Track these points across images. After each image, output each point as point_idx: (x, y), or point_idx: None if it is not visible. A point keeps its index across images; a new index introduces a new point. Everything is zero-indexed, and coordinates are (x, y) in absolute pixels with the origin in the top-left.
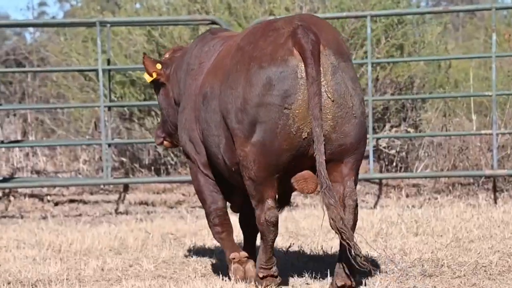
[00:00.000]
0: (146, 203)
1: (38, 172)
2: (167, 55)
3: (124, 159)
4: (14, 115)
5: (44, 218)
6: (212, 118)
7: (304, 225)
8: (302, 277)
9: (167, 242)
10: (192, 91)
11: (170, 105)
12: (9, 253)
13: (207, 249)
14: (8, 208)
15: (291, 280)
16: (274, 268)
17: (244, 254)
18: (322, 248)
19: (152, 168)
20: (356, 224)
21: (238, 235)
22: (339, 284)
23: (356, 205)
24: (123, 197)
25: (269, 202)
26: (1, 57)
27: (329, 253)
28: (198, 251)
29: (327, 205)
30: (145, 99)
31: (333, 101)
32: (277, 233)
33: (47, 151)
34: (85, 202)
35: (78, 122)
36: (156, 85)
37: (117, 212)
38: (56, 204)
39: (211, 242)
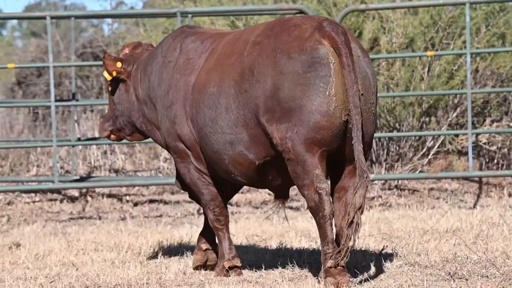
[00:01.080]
0: (230, 203)
1: (116, 171)
2: (126, 51)
3: None
4: (92, 111)
5: (123, 219)
6: (222, 117)
7: (398, 226)
8: (396, 281)
9: (252, 244)
10: (182, 87)
11: (130, 101)
12: (87, 256)
13: (294, 251)
14: (85, 208)
15: (384, 285)
16: (342, 260)
17: (237, 261)
18: (417, 251)
19: None
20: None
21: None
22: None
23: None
24: None
25: (317, 172)
26: (77, 50)
27: (425, 256)
28: (285, 254)
29: (363, 195)
30: None
31: (362, 94)
32: (333, 210)
33: (126, 149)
34: (165, 202)
35: None
36: (113, 81)
37: (199, 212)
38: (136, 204)
39: (298, 244)
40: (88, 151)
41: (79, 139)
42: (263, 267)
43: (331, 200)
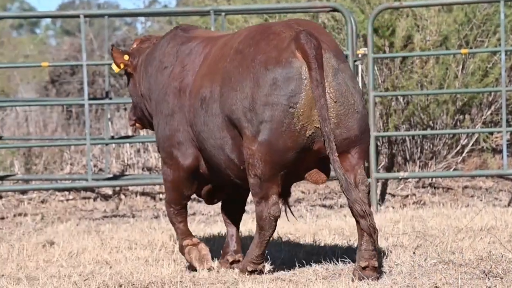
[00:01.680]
0: None
1: (149, 169)
2: (134, 45)
3: None
4: (125, 109)
5: (156, 217)
6: (213, 121)
7: (432, 224)
8: (430, 280)
9: (286, 243)
10: (177, 91)
11: (137, 94)
12: (120, 254)
13: (328, 249)
14: (119, 207)
15: (419, 283)
16: (262, 264)
17: (196, 239)
18: (451, 249)
19: None
20: (370, 207)
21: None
22: (362, 265)
23: (369, 190)
24: None
25: (274, 198)
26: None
27: (459, 254)
28: (319, 252)
29: (352, 201)
30: None
31: (335, 101)
32: (275, 230)
33: None
34: (199, 201)
35: None
36: (126, 74)
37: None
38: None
39: (332, 242)
40: (121, 149)
41: (112, 137)
42: (297, 265)
43: (275, 226)
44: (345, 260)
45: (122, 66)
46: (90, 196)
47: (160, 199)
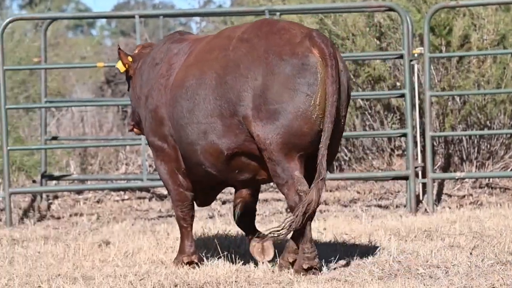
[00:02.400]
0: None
1: None
2: (136, 51)
3: None
4: None
5: (211, 217)
6: (198, 107)
7: (489, 225)
8: (488, 281)
9: (341, 243)
10: (163, 88)
11: (135, 98)
12: (176, 254)
13: (383, 250)
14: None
15: (475, 284)
16: (317, 259)
17: (194, 256)
18: (509, 250)
19: None
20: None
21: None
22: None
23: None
24: None
25: (297, 174)
26: None
27: None
28: (374, 253)
29: (318, 192)
30: None
31: (341, 104)
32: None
33: None
34: None
35: None
36: (127, 77)
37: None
38: (224, 202)
39: (387, 243)
40: None
41: None
42: (352, 265)
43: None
44: (400, 260)
45: (126, 66)
46: (146, 196)
47: (215, 200)
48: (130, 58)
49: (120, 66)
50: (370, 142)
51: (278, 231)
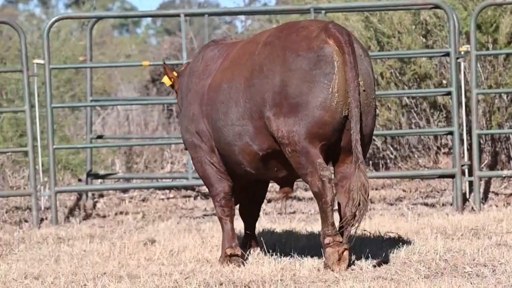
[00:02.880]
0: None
1: None
2: (183, 67)
3: None
4: None
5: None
6: (231, 110)
7: None
8: None
9: (386, 241)
10: (199, 89)
11: (178, 111)
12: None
13: (430, 248)
14: None
15: None
16: (338, 236)
17: (238, 250)
18: None
19: (370, 162)
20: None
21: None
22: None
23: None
24: None
25: (320, 161)
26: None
27: None
28: (420, 251)
29: (360, 178)
30: None
31: (364, 90)
32: (334, 196)
33: None
34: (299, 199)
35: None
36: (175, 91)
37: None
38: (269, 201)
39: (434, 241)
40: None
41: None
42: (398, 264)
43: (333, 187)
44: (447, 259)
45: (172, 80)
46: (191, 194)
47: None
48: (175, 73)
49: (166, 80)
50: (416, 140)
51: (353, 224)
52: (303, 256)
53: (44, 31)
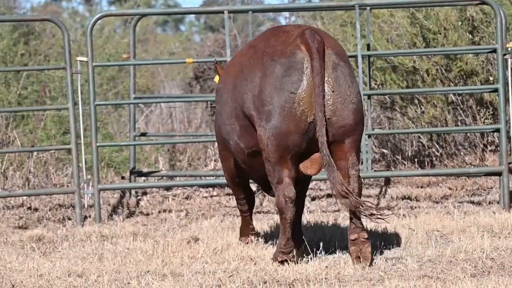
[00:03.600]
0: (409, 198)
1: None
2: None
3: (385, 150)
4: None
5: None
6: (224, 109)
7: None
8: None
9: (432, 240)
10: (223, 94)
11: None
12: (265, 250)
13: (476, 246)
14: (262, 203)
15: None
16: (292, 254)
17: (252, 237)
18: None
19: (416, 160)
20: (361, 191)
21: None
22: (352, 238)
23: (359, 175)
24: (385, 191)
25: (287, 180)
26: None
27: None
28: (467, 250)
29: (332, 179)
30: (407, 86)
31: (333, 91)
32: (295, 212)
33: None
34: None
35: None
36: None
37: (378, 207)
38: (313, 199)
39: (480, 240)
40: None
41: None
42: (444, 262)
43: (294, 207)
44: (494, 258)
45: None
46: None
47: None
48: (222, 71)
49: (217, 79)
50: (462, 138)
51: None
52: (348, 254)
53: (87, 28)
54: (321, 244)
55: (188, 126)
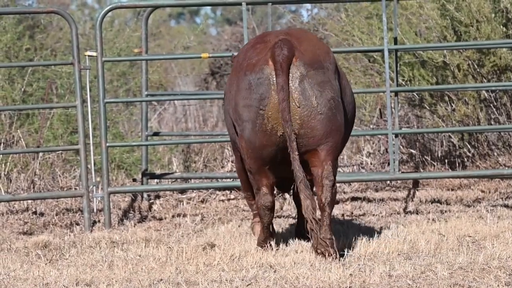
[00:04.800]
0: (439, 201)
1: None
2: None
3: (413, 151)
4: None
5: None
6: (226, 118)
7: None
8: None
9: (464, 246)
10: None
11: None
12: (285, 257)
13: (511, 253)
14: (283, 207)
15: None
16: (265, 247)
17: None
18: None
19: (446, 161)
20: (334, 200)
21: None
22: (319, 250)
23: (333, 184)
24: (413, 194)
25: (264, 190)
26: None
27: None
28: (500, 256)
29: (304, 196)
30: (437, 83)
31: (299, 106)
32: (273, 217)
33: None
34: (369, 200)
35: (361, 109)
36: None
37: (405, 211)
38: (337, 202)
39: None
40: None
41: None
42: (476, 270)
43: (273, 213)
44: None
45: None
46: None
47: None
48: None
49: None
50: (496, 137)
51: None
52: (373, 261)
53: (96, 21)
54: (345, 251)
55: (204, 125)
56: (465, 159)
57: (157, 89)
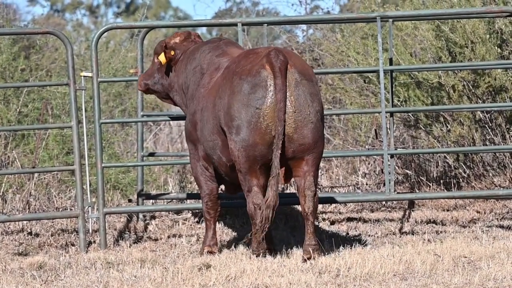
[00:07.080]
0: (435, 222)
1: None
2: (177, 40)
3: (409, 171)
4: None
5: (319, 239)
6: (206, 127)
7: None
8: None
9: (459, 266)
10: (201, 97)
11: (171, 81)
12: (281, 278)
13: (506, 274)
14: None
15: None
16: (260, 253)
17: (215, 248)
18: None
19: (441, 181)
20: (316, 209)
21: None
22: (305, 257)
23: (314, 194)
24: (408, 215)
25: (255, 189)
26: None
27: None
28: (496, 277)
29: (270, 189)
30: (432, 103)
31: (294, 111)
32: (266, 220)
33: (322, 163)
34: (365, 221)
35: (356, 130)
36: (167, 66)
37: (401, 231)
38: (332, 223)
39: (511, 267)
40: None
41: None
42: None
43: (264, 212)
44: None
45: (168, 59)
46: None
47: (323, 220)
48: (173, 52)
49: (162, 59)
50: (491, 158)
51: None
52: (369, 282)
53: (92, 41)
54: (340, 272)
55: None
56: (461, 180)
57: (152, 110)
